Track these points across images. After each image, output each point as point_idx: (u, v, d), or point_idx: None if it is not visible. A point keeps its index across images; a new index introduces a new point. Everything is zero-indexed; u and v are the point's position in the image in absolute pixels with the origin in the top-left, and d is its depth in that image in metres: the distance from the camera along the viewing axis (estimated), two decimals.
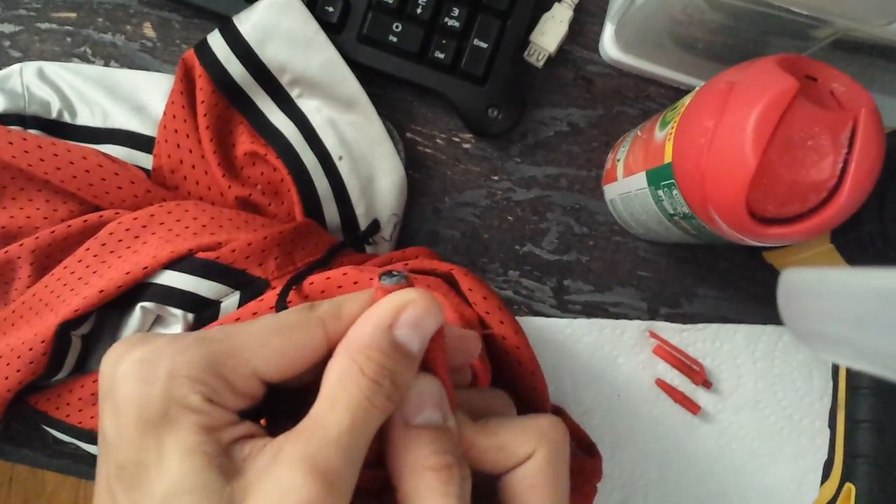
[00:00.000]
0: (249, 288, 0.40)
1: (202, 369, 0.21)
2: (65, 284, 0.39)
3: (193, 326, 0.40)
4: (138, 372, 0.20)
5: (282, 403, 0.24)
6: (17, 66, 0.45)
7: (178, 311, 0.39)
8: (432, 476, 0.22)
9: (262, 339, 0.22)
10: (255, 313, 0.39)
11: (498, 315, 0.36)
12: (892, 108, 0.37)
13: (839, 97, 0.34)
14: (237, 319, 0.39)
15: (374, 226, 0.46)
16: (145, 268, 0.38)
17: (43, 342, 0.38)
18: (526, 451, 0.24)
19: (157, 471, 0.19)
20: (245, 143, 0.44)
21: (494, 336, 0.35)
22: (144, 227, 0.40)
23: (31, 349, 0.39)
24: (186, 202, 0.42)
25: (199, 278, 0.39)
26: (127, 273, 0.38)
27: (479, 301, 0.36)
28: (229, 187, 0.43)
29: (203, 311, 0.40)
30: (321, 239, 0.43)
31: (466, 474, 0.23)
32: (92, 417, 0.41)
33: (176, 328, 0.40)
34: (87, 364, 0.43)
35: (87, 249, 0.40)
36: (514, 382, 0.36)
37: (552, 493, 0.24)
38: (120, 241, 0.40)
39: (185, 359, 0.21)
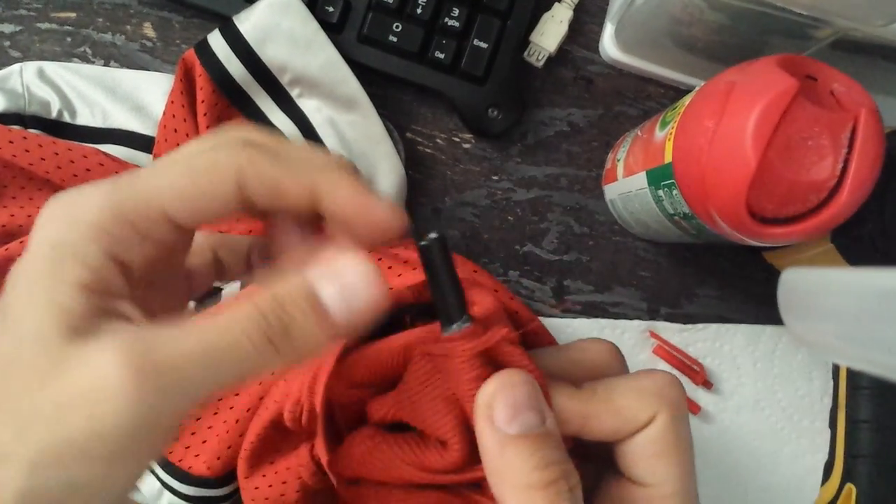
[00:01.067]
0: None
1: (109, 216, 0.19)
2: None
3: (195, 313, 0.40)
4: (52, 212, 0.19)
5: None
6: (17, 66, 0.45)
7: None
8: (540, 496, 0.20)
9: (175, 179, 0.20)
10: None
11: (513, 304, 0.36)
12: (892, 108, 0.37)
13: (839, 97, 0.34)
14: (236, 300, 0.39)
15: None
16: None
17: None
18: (646, 415, 0.22)
19: (18, 315, 0.18)
20: None
21: (520, 321, 0.35)
22: None
23: None
24: None
25: None
26: None
27: (491, 291, 0.36)
28: None
29: (204, 299, 0.40)
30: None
31: (576, 482, 0.21)
32: None
33: None
34: None
35: None
36: None
37: (679, 460, 0.22)
38: None
39: (93, 203, 0.19)
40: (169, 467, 0.41)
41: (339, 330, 0.19)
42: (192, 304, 0.40)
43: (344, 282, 0.19)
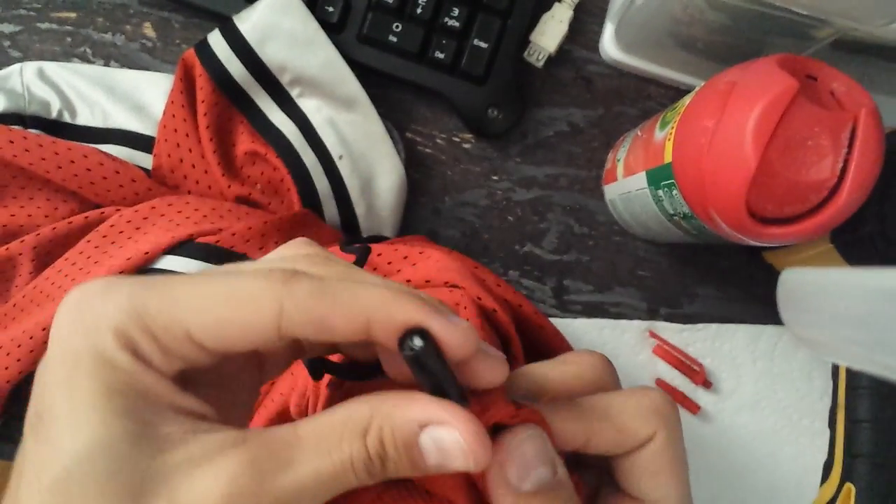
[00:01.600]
0: None
1: (125, 318, 0.18)
2: (66, 275, 0.39)
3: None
4: (69, 316, 0.18)
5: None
6: (17, 66, 0.45)
7: None
8: None
9: (207, 301, 0.18)
10: None
11: (516, 298, 0.36)
12: (892, 108, 0.37)
13: (839, 97, 0.34)
14: None
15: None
16: (146, 253, 0.38)
17: (44, 330, 0.38)
18: (646, 432, 0.22)
19: (66, 424, 0.17)
20: (245, 142, 0.44)
21: (523, 315, 0.35)
22: (146, 218, 0.40)
23: (31, 338, 0.39)
24: (188, 195, 0.42)
25: (199, 262, 0.39)
26: (128, 259, 0.38)
27: (493, 286, 0.36)
28: (229, 186, 0.43)
29: None
30: (321, 230, 0.43)
31: None
32: None
33: None
34: None
35: (89, 241, 0.40)
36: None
37: (679, 477, 0.23)
38: (121, 232, 0.40)
39: (113, 307, 0.18)
40: None
41: (430, 472, 0.19)
42: None
43: (442, 439, 0.18)
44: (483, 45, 0.46)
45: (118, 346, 0.18)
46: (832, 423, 0.47)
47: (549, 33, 0.48)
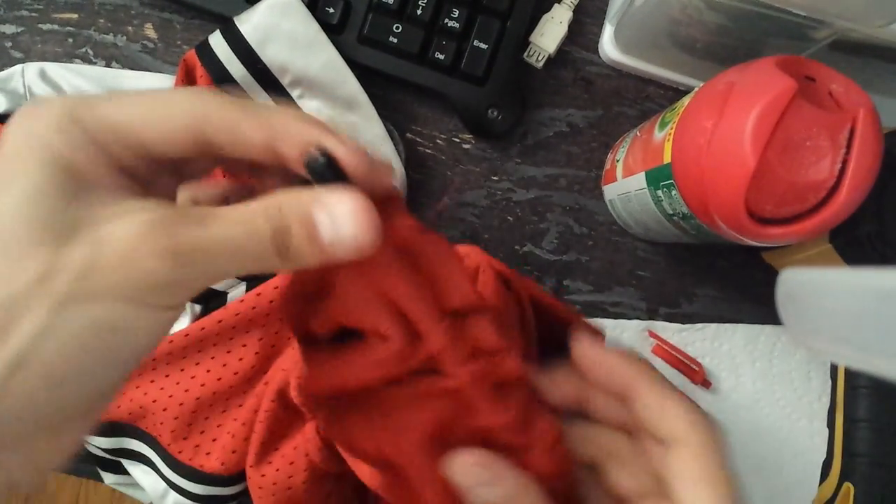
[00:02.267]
0: (255, 278, 0.41)
1: (71, 109, 0.20)
2: None
3: (200, 318, 0.40)
4: (16, 121, 0.20)
5: None
6: (18, 67, 0.46)
7: None
8: None
9: (134, 103, 0.21)
10: (241, 300, 0.39)
11: (523, 281, 0.37)
12: (891, 109, 0.37)
13: (838, 98, 0.34)
14: (225, 308, 0.39)
15: None
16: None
17: None
18: (678, 430, 0.25)
19: (6, 179, 0.19)
20: None
21: (536, 298, 0.36)
22: None
23: None
24: None
25: None
26: None
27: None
28: None
29: (210, 302, 0.40)
30: None
31: None
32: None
33: (184, 320, 0.40)
34: None
35: None
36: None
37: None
38: None
39: (52, 109, 0.20)
40: (179, 467, 0.41)
41: (326, 252, 0.21)
42: (196, 307, 0.40)
43: (334, 211, 0.20)
44: (483, 46, 0.46)
45: (55, 130, 0.19)
46: (831, 423, 0.47)
47: (549, 34, 0.49)
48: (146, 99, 0.21)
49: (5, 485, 0.20)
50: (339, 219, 0.20)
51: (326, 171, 0.21)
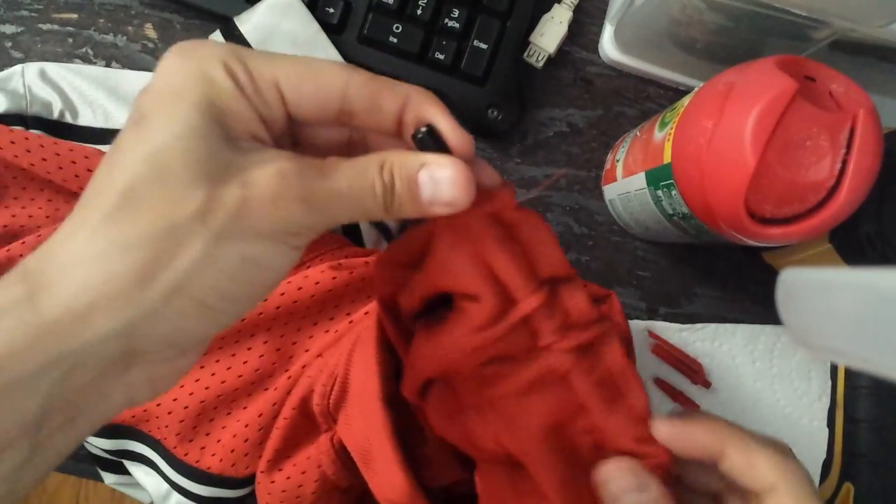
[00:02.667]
0: None
1: (231, 57, 0.22)
2: None
3: None
4: (176, 54, 0.22)
5: None
6: (18, 67, 0.46)
7: None
8: None
9: (294, 65, 0.23)
10: (264, 299, 0.39)
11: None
12: (891, 109, 0.37)
13: (837, 98, 0.34)
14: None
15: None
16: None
17: None
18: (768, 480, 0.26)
19: (163, 120, 0.20)
20: None
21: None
22: None
23: None
24: None
25: None
26: None
27: None
28: None
29: None
30: (332, 236, 0.43)
31: None
32: None
33: None
34: None
35: None
36: None
37: None
38: None
39: (220, 49, 0.22)
40: (184, 469, 0.41)
41: (424, 209, 0.23)
42: None
43: (435, 174, 0.23)
44: (483, 46, 0.46)
45: (223, 71, 0.21)
46: (831, 423, 0.47)
47: (549, 34, 0.49)
48: (302, 62, 0.23)
49: (126, 403, 0.22)
50: (440, 182, 0.23)
51: (429, 141, 0.24)
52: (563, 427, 0.27)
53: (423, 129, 0.24)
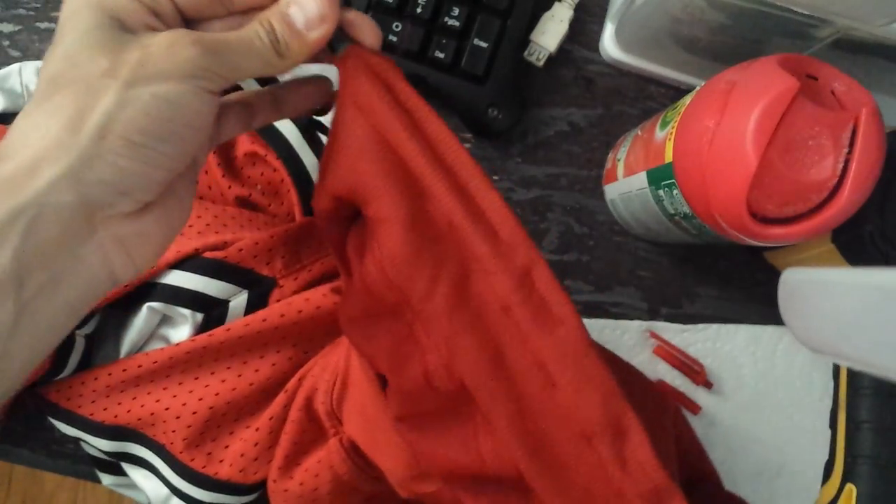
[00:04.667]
0: (257, 286, 0.41)
1: None
2: None
3: (202, 327, 0.40)
4: None
5: None
6: (16, 66, 0.45)
7: (186, 311, 0.39)
8: None
9: None
10: (264, 320, 0.39)
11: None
12: (893, 108, 0.37)
13: (840, 97, 0.34)
14: (246, 325, 0.39)
15: None
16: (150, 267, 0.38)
17: None
18: None
19: (69, 26, 0.24)
20: (245, 143, 0.44)
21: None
22: None
23: None
24: None
25: (207, 278, 0.39)
26: None
27: None
28: (229, 187, 0.43)
29: (212, 311, 0.40)
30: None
31: None
32: (105, 409, 0.41)
33: (184, 328, 0.40)
34: (90, 363, 0.42)
35: None
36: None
37: None
38: None
39: None
40: (189, 474, 0.41)
41: (306, 39, 0.26)
42: (198, 316, 0.40)
43: (300, 2, 0.26)
44: (483, 44, 0.46)
45: None
46: (833, 424, 0.47)
47: (550, 33, 0.48)
48: None
49: (106, 272, 0.25)
50: (305, 5, 0.26)
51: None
52: (505, 356, 0.25)
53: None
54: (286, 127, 0.45)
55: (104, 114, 0.23)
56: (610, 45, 0.49)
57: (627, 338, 0.49)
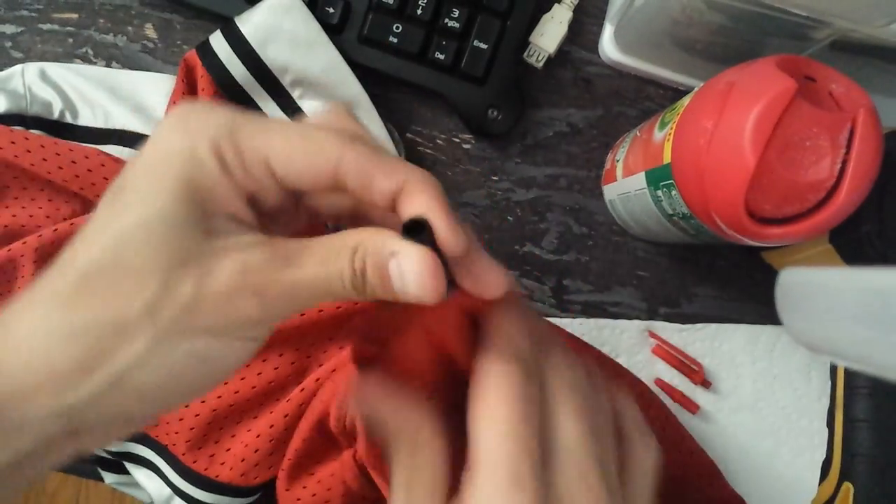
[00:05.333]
0: None
1: (222, 132, 0.21)
2: None
3: None
4: (174, 120, 0.22)
5: None
6: (18, 67, 0.46)
7: None
8: None
9: (286, 138, 0.22)
10: None
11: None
12: (891, 109, 0.37)
13: (837, 98, 0.34)
14: None
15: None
16: None
17: None
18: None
19: (136, 199, 0.21)
20: None
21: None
22: None
23: None
24: None
25: None
26: None
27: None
28: None
29: None
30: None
31: None
32: None
33: None
34: None
35: None
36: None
37: None
38: None
39: (214, 121, 0.21)
40: (192, 476, 0.41)
41: (397, 296, 0.22)
42: None
43: (403, 266, 0.21)
44: (483, 45, 0.46)
45: (210, 150, 0.21)
46: (830, 423, 0.47)
47: (549, 34, 0.49)
48: (296, 133, 0.22)
49: (74, 455, 0.22)
50: (407, 275, 0.21)
51: (417, 235, 0.22)
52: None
53: (413, 221, 0.22)
54: None
55: (124, 366, 0.20)
56: (609, 46, 0.49)
57: (626, 337, 0.50)
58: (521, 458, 0.21)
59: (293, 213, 0.25)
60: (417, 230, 0.22)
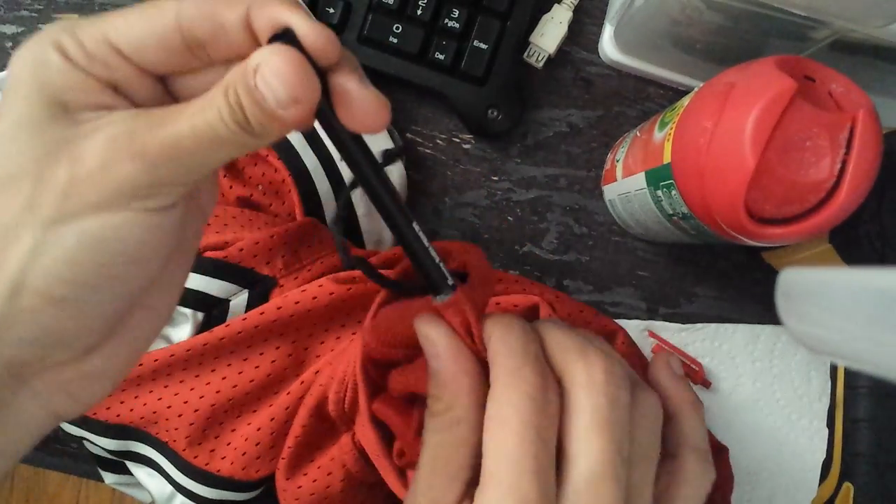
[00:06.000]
0: (258, 286, 0.41)
1: (62, 32, 0.20)
2: None
3: (203, 325, 0.41)
4: (23, 44, 0.21)
5: None
6: None
7: (187, 311, 0.40)
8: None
9: (125, 17, 0.21)
10: (262, 313, 0.40)
11: (603, 320, 0.39)
12: (890, 109, 0.37)
13: (837, 98, 0.34)
14: (244, 319, 0.40)
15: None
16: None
17: None
18: None
19: (3, 113, 0.20)
20: None
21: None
22: None
23: None
24: None
25: (207, 277, 0.40)
26: None
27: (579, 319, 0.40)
28: (230, 187, 0.44)
29: (212, 310, 0.40)
30: (325, 237, 0.43)
31: None
32: (108, 408, 0.41)
33: (185, 327, 0.40)
34: None
35: None
36: None
37: None
38: None
39: (55, 31, 0.21)
40: (193, 471, 0.41)
41: (280, 117, 0.19)
42: (199, 314, 0.40)
43: (265, 73, 0.19)
44: (483, 46, 0.46)
45: (53, 48, 0.20)
46: (831, 423, 0.47)
47: (549, 34, 0.49)
48: (133, 9, 0.21)
49: (52, 415, 0.22)
50: (272, 83, 0.19)
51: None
52: None
53: (273, 36, 0.20)
54: None
55: (17, 266, 0.19)
56: (609, 46, 0.49)
57: None
58: (529, 480, 0.20)
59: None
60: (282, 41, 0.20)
